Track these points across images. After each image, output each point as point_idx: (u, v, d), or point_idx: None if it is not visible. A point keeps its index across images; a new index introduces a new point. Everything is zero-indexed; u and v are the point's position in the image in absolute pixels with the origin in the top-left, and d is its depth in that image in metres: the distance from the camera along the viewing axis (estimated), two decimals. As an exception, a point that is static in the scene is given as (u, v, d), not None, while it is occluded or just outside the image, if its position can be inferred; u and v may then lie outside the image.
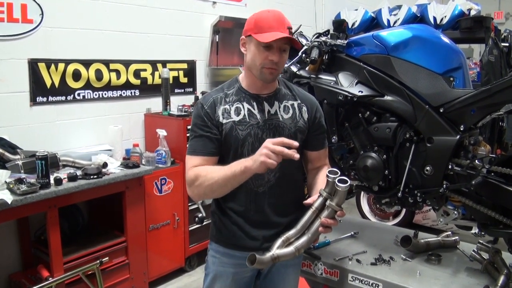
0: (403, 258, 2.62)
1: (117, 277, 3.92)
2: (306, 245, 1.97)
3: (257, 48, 2.06)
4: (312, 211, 1.97)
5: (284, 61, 2.13)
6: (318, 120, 2.28)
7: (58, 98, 4.10)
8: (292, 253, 1.94)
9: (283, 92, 2.24)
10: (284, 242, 1.96)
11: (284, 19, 2.09)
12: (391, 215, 5.71)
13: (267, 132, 2.13)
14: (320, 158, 2.33)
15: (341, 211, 1.93)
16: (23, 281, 3.66)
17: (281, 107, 2.19)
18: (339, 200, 1.91)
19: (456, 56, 2.54)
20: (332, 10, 7.43)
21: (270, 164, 1.83)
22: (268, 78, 2.10)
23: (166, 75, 4.79)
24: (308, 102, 2.27)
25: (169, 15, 4.98)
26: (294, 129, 2.17)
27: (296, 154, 1.83)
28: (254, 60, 2.09)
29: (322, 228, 1.94)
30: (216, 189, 2.04)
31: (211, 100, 2.16)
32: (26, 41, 3.84)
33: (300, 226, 1.98)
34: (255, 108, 2.16)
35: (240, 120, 2.13)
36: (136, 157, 4.19)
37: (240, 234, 2.20)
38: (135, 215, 4.01)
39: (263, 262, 1.88)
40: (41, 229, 3.76)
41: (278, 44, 2.04)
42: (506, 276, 2.27)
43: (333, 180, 1.89)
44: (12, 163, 3.44)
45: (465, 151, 2.40)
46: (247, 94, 2.18)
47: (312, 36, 2.85)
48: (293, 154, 1.82)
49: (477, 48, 8.70)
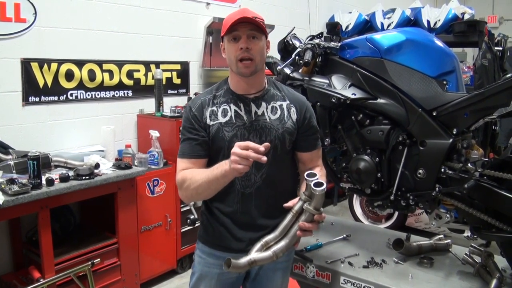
0: (395, 261, 2.62)
1: (109, 279, 3.91)
2: (284, 250, 1.96)
3: (229, 44, 2.11)
4: (292, 214, 1.96)
5: (259, 49, 2.10)
6: (308, 120, 2.26)
7: (51, 98, 4.08)
8: (270, 258, 1.93)
9: (271, 93, 2.24)
10: (263, 246, 1.96)
11: (249, 10, 2.11)
12: (383, 218, 5.72)
13: (254, 133, 2.14)
14: (312, 159, 2.32)
15: (319, 214, 1.92)
16: (14, 282, 3.64)
17: (268, 108, 2.19)
18: (316, 203, 1.89)
19: (449, 59, 2.55)
20: (326, 12, 7.45)
21: (240, 169, 1.84)
22: (244, 71, 2.10)
23: (159, 76, 4.78)
24: (297, 103, 2.26)
25: (163, 16, 4.97)
26: (281, 130, 2.17)
27: (263, 158, 1.82)
28: (229, 56, 2.12)
29: (300, 232, 1.93)
30: (201, 192, 2.08)
31: (199, 103, 2.19)
32: (19, 41, 3.82)
33: (280, 230, 1.97)
34: (241, 109, 2.17)
35: (227, 121, 2.14)
36: (128, 158, 4.18)
37: (226, 235, 2.20)
38: (127, 216, 4.00)
39: (239, 266, 1.88)
40: (33, 230, 3.74)
41: (244, 32, 2.06)
42: (498, 279, 2.28)
43: (310, 183, 1.87)
44: (4, 163, 3.43)
45: (458, 155, 2.40)
46: (234, 96, 2.19)
47: (306, 39, 2.85)
48: (260, 157, 1.82)
49: (470, 52, 8.75)
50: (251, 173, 2.11)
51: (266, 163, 1.95)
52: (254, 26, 2.07)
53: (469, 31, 5.58)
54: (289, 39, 2.95)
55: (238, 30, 2.06)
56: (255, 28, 2.08)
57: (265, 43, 2.16)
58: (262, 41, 2.13)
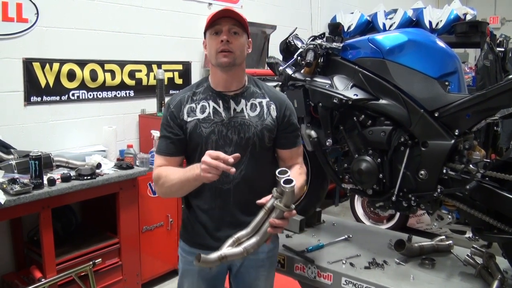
0: (396, 262, 2.61)
1: (110, 279, 3.91)
2: (255, 246, 1.96)
3: (210, 38, 2.14)
4: (264, 211, 1.96)
5: (240, 44, 2.14)
6: (288, 118, 2.28)
7: (53, 98, 4.08)
8: (240, 253, 1.94)
9: (251, 90, 2.27)
10: (234, 242, 1.96)
11: (233, 9, 2.14)
12: (385, 219, 5.71)
13: (232, 130, 2.16)
14: (292, 157, 2.33)
15: (289, 211, 1.92)
16: (16, 282, 3.64)
17: (248, 105, 2.22)
18: (287, 200, 1.88)
19: (451, 60, 2.54)
20: (328, 13, 7.45)
21: (210, 177, 1.89)
22: (223, 61, 2.12)
23: (161, 76, 4.77)
24: (277, 100, 2.28)
25: (165, 16, 4.98)
26: (260, 127, 2.18)
27: (232, 169, 1.86)
28: (210, 50, 2.16)
29: (270, 228, 1.94)
30: (175, 191, 2.15)
31: (177, 100, 2.23)
32: (21, 41, 3.82)
33: (252, 227, 1.98)
34: (220, 106, 2.19)
35: (205, 118, 2.17)
36: (130, 158, 4.18)
37: (204, 233, 2.23)
38: (128, 217, 4.00)
39: (209, 261, 1.89)
40: (34, 229, 3.74)
41: (226, 27, 2.09)
42: (500, 281, 2.27)
43: (280, 180, 1.87)
44: (6, 163, 3.43)
45: (459, 156, 2.39)
46: (213, 93, 2.22)
47: (308, 39, 2.85)
48: (229, 169, 1.85)
49: (472, 52, 8.75)
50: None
51: (245, 160, 2.10)
52: (236, 22, 2.11)
53: (471, 32, 5.58)
54: (291, 39, 2.95)
55: (220, 24, 2.10)
56: (238, 24, 2.12)
57: (247, 41, 2.20)
58: (243, 38, 2.16)
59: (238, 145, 2.15)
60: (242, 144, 2.16)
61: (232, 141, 2.15)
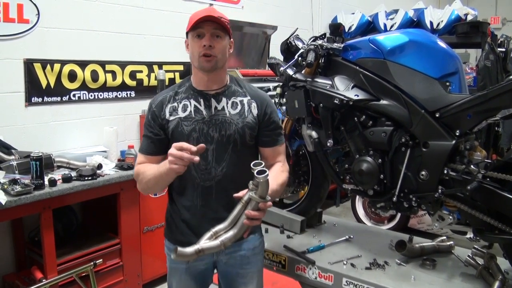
0: (397, 263, 2.61)
1: (111, 279, 3.92)
2: (233, 239, 2.00)
3: (192, 40, 2.19)
4: (241, 204, 1.99)
5: (222, 48, 2.18)
6: (269, 116, 2.31)
7: (54, 99, 4.09)
8: (217, 246, 1.97)
9: (233, 89, 2.31)
10: (212, 236, 1.99)
11: (214, 10, 2.20)
12: (386, 219, 5.71)
13: (213, 128, 2.21)
14: (274, 155, 2.37)
15: (264, 202, 1.95)
16: (17, 283, 3.64)
17: (229, 103, 2.26)
18: (261, 192, 1.92)
19: (452, 61, 2.54)
20: (328, 13, 7.45)
21: (176, 168, 1.95)
22: (206, 66, 2.16)
23: (162, 76, 4.78)
24: (258, 99, 2.32)
25: (166, 17, 4.98)
26: (241, 125, 2.23)
27: (196, 158, 1.92)
28: (192, 52, 2.20)
29: (247, 220, 1.96)
30: (151, 186, 2.22)
31: (159, 99, 2.29)
32: (22, 41, 3.83)
33: (229, 221, 2.01)
34: (201, 104, 2.24)
35: (186, 116, 2.22)
36: (131, 158, 4.18)
37: (188, 231, 2.27)
38: (129, 217, 4.00)
39: (186, 254, 1.92)
40: (35, 230, 3.74)
41: (208, 30, 2.13)
42: (501, 281, 2.27)
43: (254, 171, 1.90)
44: (7, 164, 3.43)
45: (460, 156, 2.39)
46: (195, 92, 2.27)
47: (309, 40, 2.84)
48: (192, 158, 1.91)
49: (473, 53, 8.73)
50: (211, 166, 2.19)
51: (226, 157, 2.19)
52: (219, 26, 2.14)
53: (472, 32, 5.58)
54: (292, 40, 2.95)
55: (203, 27, 2.13)
56: (220, 27, 2.15)
57: (228, 43, 2.23)
58: (225, 41, 2.20)
59: (219, 143, 2.20)
60: (223, 142, 2.21)
61: (213, 139, 2.20)
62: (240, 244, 2.30)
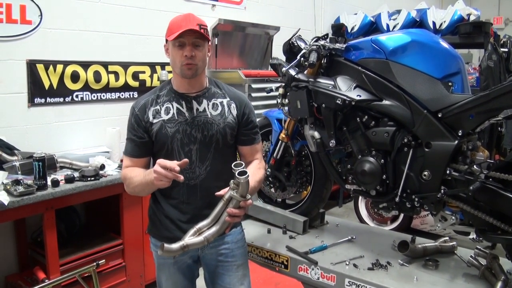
0: (400, 263, 2.61)
1: (114, 280, 3.91)
2: (215, 234, 2.11)
3: (173, 49, 2.25)
4: (223, 202, 2.11)
5: (201, 56, 2.26)
6: (247, 116, 2.41)
7: (56, 100, 4.10)
8: (201, 242, 2.08)
9: (212, 91, 2.39)
10: (195, 232, 2.11)
11: (193, 17, 2.26)
12: (389, 220, 5.70)
13: (196, 128, 2.30)
14: (251, 153, 2.48)
15: (245, 201, 2.07)
16: (20, 283, 3.65)
17: (209, 104, 2.35)
18: (242, 191, 2.04)
19: (455, 61, 2.54)
20: (331, 14, 7.44)
21: (162, 185, 2.07)
22: (187, 73, 2.25)
23: (164, 77, 4.78)
24: (237, 100, 2.42)
25: (168, 18, 4.90)
26: (223, 125, 2.32)
27: (180, 177, 2.02)
28: (174, 60, 2.27)
29: (229, 217, 2.08)
30: (139, 191, 2.30)
31: (142, 103, 2.35)
32: (25, 42, 3.84)
33: (212, 217, 2.13)
34: (183, 106, 2.31)
35: (169, 118, 2.29)
36: (133, 159, 4.18)
37: (172, 227, 2.35)
38: (132, 218, 4.00)
39: (172, 250, 2.03)
40: (38, 230, 3.75)
41: (189, 40, 2.21)
42: (504, 282, 2.26)
43: (235, 172, 2.02)
44: (9, 164, 3.44)
45: (463, 157, 2.39)
46: (176, 95, 2.34)
47: (311, 40, 2.84)
48: (178, 177, 2.01)
49: (476, 53, 8.72)
50: (195, 165, 2.28)
51: (210, 156, 2.29)
52: (198, 35, 2.20)
53: (475, 33, 5.57)
54: (294, 40, 2.94)
55: (184, 37, 2.20)
56: (199, 36, 2.21)
57: (207, 48, 2.31)
58: (205, 48, 2.29)
59: (202, 143, 2.29)
60: (206, 142, 2.30)
61: (196, 139, 2.28)
62: (223, 238, 2.39)
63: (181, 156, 2.26)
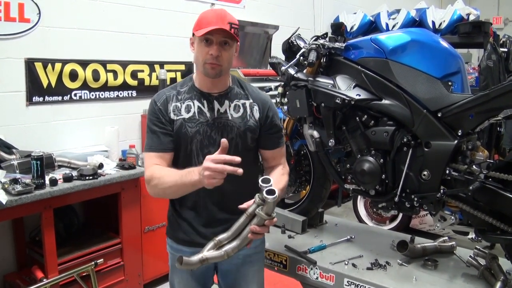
0: (399, 263, 2.60)
1: (112, 279, 3.91)
2: (236, 249, 2.01)
3: (199, 45, 2.14)
4: (245, 216, 2.00)
5: (228, 57, 2.15)
6: (271, 119, 2.32)
7: (55, 98, 4.09)
8: (221, 256, 1.99)
9: (235, 91, 2.29)
10: (216, 245, 2.01)
11: (225, 15, 2.12)
12: (388, 219, 5.71)
13: (216, 130, 2.20)
14: (274, 157, 2.37)
15: (270, 220, 1.95)
16: (18, 282, 3.64)
17: (231, 106, 2.25)
18: (268, 209, 1.92)
19: (454, 60, 2.53)
20: (330, 13, 7.44)
21: (214, 183, 1.91)
22: (210, 73, 2.14)
23: (163, 76, 4.78)
24: (260, 101, 2.31)
25: (167, 16, 4.97)
26: (243, 128, 2.23)
27: (239, 170, 1.87)
28: (197, 56, 2.16)
29: (251, 234, 1.97)
30: (169, 193, 2.18)
31: (163, 97, 2.25)
32: (23, 41, 3.83)
33: (233, 231, 2.02)
34: (205, 106, 2.22)
35: (190, 117, 2.20)
36: (132, 158, 4.18)
37: (190, 230, 2.27)
38: (130, 217, 4.00)
39: (190, 263, 1.95)
40: (36, 230, 3.74)
41: (217, 39, 2.09)
42: (503, 282, 2.26)
43: (263, 189, 1.90)
44: (7, 163, 3.43)
45: (462, 156, 2.38)
46: (198, 93, 2.25)
47: (310, 39, 2.84)
48: (236, 170, 1.87)
49: (475, 53, 8.71)
50: None
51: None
52: (228, 34, 2.09)
53: (474, 32, 5.57)
54: (294, 39, 2.94)
55: (212, 35, 2.09)
56: (229, 35, 2.10)
57: (235, 48, 2.21)
58: (233, 48, 2.18)
59: None
60: None
61: (216, 142, 2.18)
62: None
63: (199, 158, 2.16)
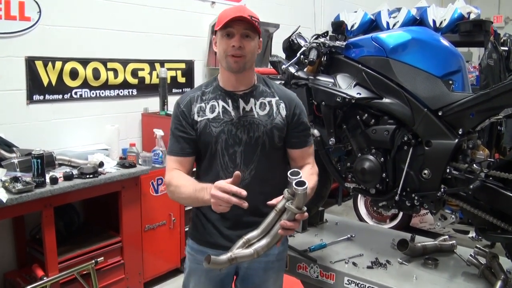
0: (399, 262, 2.61)
1: (112, 277, 3.91)
2: (266, 248, 1.93)
3: (221, 39, 2.10)
4: (275, 213, 1.92)
5: (251, 48, 2.11)
6: (298, 117, 2.25)
7: (55, 97, 4.08)
8: (251, 255, 1.91)
9: (260, 89, 2.25)
10: (244, 244, 1.93)
11: (245, 9, 2.11)
12: (388, 218, 5.70)
13: (241, 129, 2.15)
14: (303, 156, 2.30)
15: (301, 213, 1.89)
16: (18, 280, 3.64)
17: (257, 104, 2.20)
18: (298, 202, 1.85)
19: (455, 59, 2.53)
20: (331, 12, 7.43)
21: (221, 210, 1.88)
22: (233, 66, 2.10)
23: (163, 74, 4.77)
24: (286, 99, 2.26)
25: (168, 15, 4.97)
26: (270, 126, 2.17)
27: (245, 203, 1.85)
28: (220, 51, 2.13)
29: (281, 230, 1.90)
30: (184, 203, 2.22)
31: (187, 99, 2.22)
32: (24, 39, 3.82)
33: (262, 228, 1.94)
34: (229, 105, 2.18)
35: (214, 117, 2.16)
36: (132, 156, 4.18)
37: (214, 232, 2.22)
38: (131, 215, 4.00)
39: (219, 262, 1.87)
40: (36, 228, 3.74)
41: (238, 30, 2.06)
42: (503, 281, 2.26)
43: (292, 181, 1.84)
44: (8, 162, 3.43)
45: (463, 155, 2.38)
46: (222, 92, 2.21)
47: (311, 38, 2.84)
48: (241, 203, 1.84)
49: (476, 51, 8.70)
50: (240, 169, 2.09)
51: (255, 159, 2.12)
52: (249, 25, 2.07)
53: (475, 31, 5.56)
54: (294, 38, 2.94)
55: (233, 27, 2.06)
56: (250, 27, 2.08)
57: (258, 43, 2.17)
58: (255, 41, 2.13)
59: (247, 145, 2.14)
60: (251, 144, 2.15)
61: (241, 141, 2.14)
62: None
63: (224, 157, 2.14)
